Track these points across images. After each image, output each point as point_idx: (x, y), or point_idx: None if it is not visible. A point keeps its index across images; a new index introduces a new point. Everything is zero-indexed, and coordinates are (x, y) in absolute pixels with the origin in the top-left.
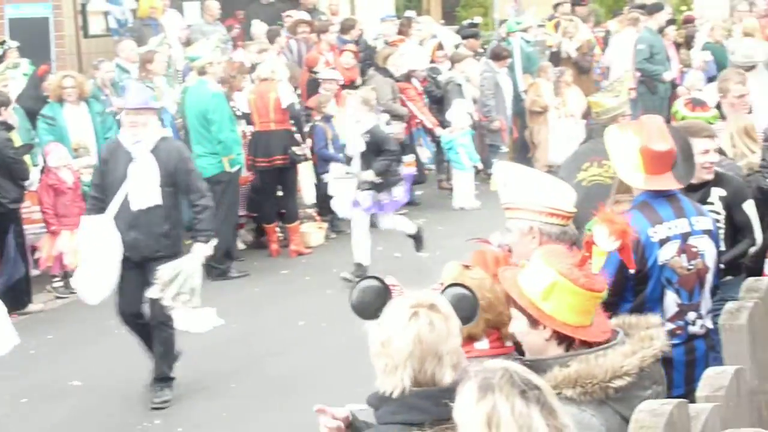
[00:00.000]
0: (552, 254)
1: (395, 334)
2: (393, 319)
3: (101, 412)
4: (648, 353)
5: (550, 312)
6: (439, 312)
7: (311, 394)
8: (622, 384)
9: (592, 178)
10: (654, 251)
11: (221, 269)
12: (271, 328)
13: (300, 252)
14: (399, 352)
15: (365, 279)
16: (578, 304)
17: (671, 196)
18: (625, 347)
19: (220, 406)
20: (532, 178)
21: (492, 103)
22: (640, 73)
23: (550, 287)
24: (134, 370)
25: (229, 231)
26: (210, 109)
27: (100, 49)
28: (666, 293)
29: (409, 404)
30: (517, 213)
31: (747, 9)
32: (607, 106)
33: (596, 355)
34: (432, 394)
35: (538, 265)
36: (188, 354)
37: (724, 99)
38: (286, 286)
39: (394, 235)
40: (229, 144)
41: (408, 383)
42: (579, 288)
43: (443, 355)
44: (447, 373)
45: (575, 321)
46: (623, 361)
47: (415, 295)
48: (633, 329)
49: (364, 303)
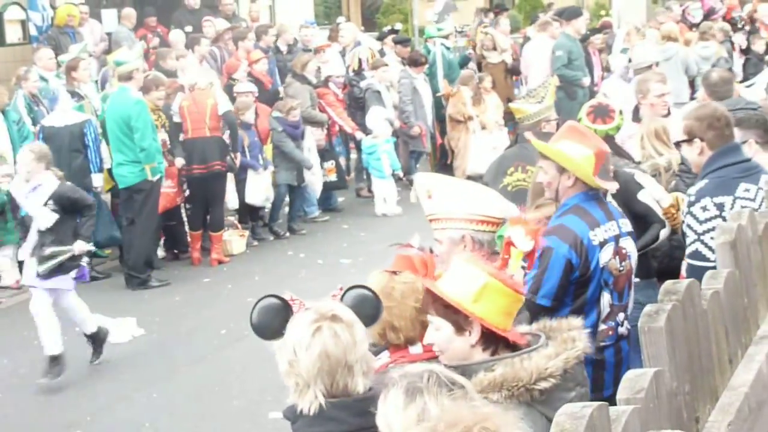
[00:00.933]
0: (475, 259)
1: (301, 353)
2: (297, 337)
3: (22, 425)
4: (571, 354)
5: (481, 314)
6: (341, 321)
7: (232, 401)
8: (547, 386)
9: (517, 183)
10: (596, 254)
11: (141, 278)
12: (192, 337)
13: (221, 261)
14: (307, 370)
15: (264, 298)
16: (506, 306)
17: (599, 199)
18: (548, 350)
19: (141, 416)
20: (458, 187)
21: (410, 109)
22: (559, 79)
23: (481, 289)
24: (52, 381)
25: (149, 240)
26: (133, 116)
27: (17, 58)
28: (603, 295)
29: (326, 416)
30: (445, 223)
31: (665, 14)
32: (528, 112)
33: (521, 358)
34: (347, 405)
35: (465, 269)
36: (109, 363)
37: (644, 100)
38: (208, 295)
39: (317, 242)
40: (152, 152)
41: (322, 399)
42: (508, 289)
43: (353, 365)
44: (360, 382)
45: (503, 324)
46: (547, 363)
47: (316, 307)
48: (555, 332)
49: (265, 323)
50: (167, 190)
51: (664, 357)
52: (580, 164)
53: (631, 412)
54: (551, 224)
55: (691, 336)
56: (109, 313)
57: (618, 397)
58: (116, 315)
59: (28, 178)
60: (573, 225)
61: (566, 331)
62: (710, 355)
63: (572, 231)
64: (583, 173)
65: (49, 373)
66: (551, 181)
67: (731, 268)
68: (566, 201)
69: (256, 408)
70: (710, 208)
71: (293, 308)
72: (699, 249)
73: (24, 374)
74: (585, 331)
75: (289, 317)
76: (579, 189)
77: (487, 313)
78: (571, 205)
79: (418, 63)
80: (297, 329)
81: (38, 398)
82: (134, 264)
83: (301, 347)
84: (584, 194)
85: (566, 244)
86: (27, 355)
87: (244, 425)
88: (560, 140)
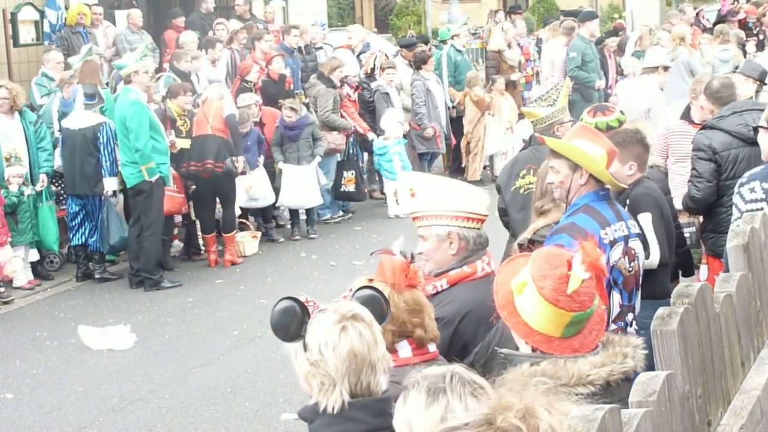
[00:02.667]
0: (543, 257)
1: (328, 352)
2: (323, 337)
3: (35, 426)
4: (617, 368)
5: (519, 307)
6: (363, 321)
7: (244, 402)
8: (585, 392)
9: (529, 186)
10: (607, 252)
11: (154, 279)
12: (205, 338)
13: (234, 262)
14: (336, 369)
15: (281, 301)
16: (541, 313)
17: (609, 200)
18: (596, 358)
19: (154, 416)
20: (442, 185)
21: (423, 111)
22: (573, 81)
23: (522, 284)
24: (65, 382)
25: (158, 241)
26: (128, 117)
27: (31, 58)
28: (613, 294)
29: (345, 416)
30: (431, 220)
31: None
32: (540, 115)
33: (567, 359)
34: (367, 405)
35: (527, 262)
36: (121, 364)
37: (695, 101)
38: (220, 296)
39: (329, 244)
40: (147, 153)
41: (347, 397)
42: (541, 298)
43: (376, 363)
44: (382, 380)
45: (540, 327)
46: (590, 371)
47: (335, 308)
48: (610, 344)
49: (284, 325)
50: (173, 194)
51: (677, 360)
52: (595, 160)
53: (643, 415)
54: (562, 223)
55: (703, 339)
56: (121, 314)
57: (630, 399)
58: (129, 316)
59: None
60: (584, 224)
61: (623, 346)
62: (722, 359)
63: (583, 229)
64: (597, 169)
65: None
66: (563, 180)
67: (744, 271)
68: (576, 201)
69: (268, 409)
70: (757, 190)
71: (309, 310)
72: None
73: (36, 375)
74: (642, 351)
75: (306, 319)
76: (591, 188)
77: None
78: (582, 205)
79: (424, 60)
80: (321, 329)
81: (51, 399)
82: (145, 265)
83: (328, 347)
84: (595, 194)
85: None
86: (39, 356)
87: (256, 426)
88: (573, 139)
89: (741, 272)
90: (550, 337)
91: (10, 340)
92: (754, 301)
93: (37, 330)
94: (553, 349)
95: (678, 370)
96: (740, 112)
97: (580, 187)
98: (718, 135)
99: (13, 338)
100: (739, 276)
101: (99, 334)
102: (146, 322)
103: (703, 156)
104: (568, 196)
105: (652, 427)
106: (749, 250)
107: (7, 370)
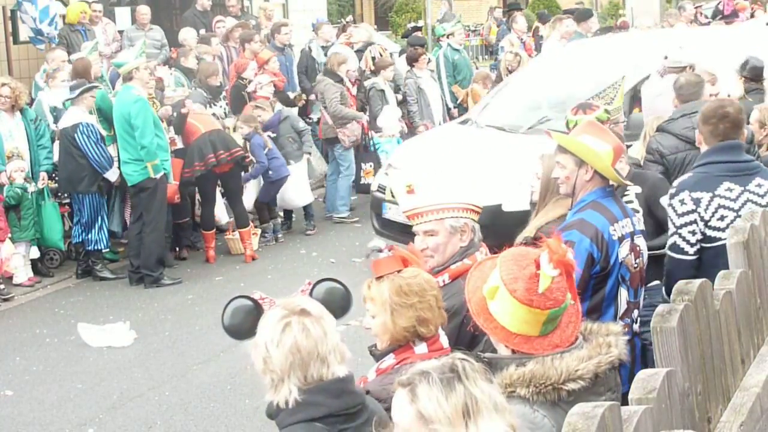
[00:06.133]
0: (509, 259)
1: (273, 349)
2: (267, 334)
3: (35, 423)
4: (604, 359)
5: (493, 312)
6: (310, 315)
7: (244, 399)
8: (576, 387)
9: None
10: (615, 248)
11: (154, 276)
12: (205, 335)
13: (254, 257)
14: (280, 365)
15: (233, 300)
16: (517, 315)
17: (615, 196)
18: (582, 352)
19: (154, 414)
20: (442, 178)
21: (415, 109)
22: None
23: (494, 289)
24: (65, 379)
25: (159, 238)
26: (133, 114)
27: (31, 56)
28: (620, 291)
29: (304, 402)
30: (437, 214)
31: (675, 16)
32: (603, 118)
33: (552, 357)
34: (323, 388)
35: (495, 265)
36: (121, 361)
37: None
38: (221, 293)
39: (329, 241)
40: (153, 149)
41: (296, 391)
42: (515, 300)
43: (326, 356)
44: (337, 371)
45: (517, 328)
46: (578, 365)
47: (284, 303)
48: (592, 335)
49: (237, 324)
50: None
51: (677, 357)
52: (601, 157)
53: (642, 412)
54: (570, 219)
55: (703, 336)
56: (121, 311)
57: (630, 396)
58: (129, 313)
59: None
60: (593, 219)
61: (604, 335)
62: (722, 356)
63: (593, 225)
64: (602, 165)
65: None
66: (569, 176)
67: (744, 268)
68: (583, 197)
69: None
70: (687, 202)
71: (264, 307)
72: (677, 242)
73: (36, 372)
74: (623, 337)
75: (260, 316)
76: (596, 184)
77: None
78: (589, 201)
79: (416, 57)
80: (267, 327)
81: (51, 396)
82: (146, 262)
83: (273, 343)
84: (601, 190)
85: (588, 238)
86: (39, 353)
87: (256, 423)
88: (580, 134)
89: (741, 269)
90: (530, 337)
91: (10, 337)
92: (754, 298)
93: (37, 327)
94: (534, 348)
95: (678, 367)
96: (689, 115)
97: (585, 183)
98: (666, 138)
99: (13, 335)
100: (739, 273)
101: (99, 332)
102: (146, 319)
103: (650, 159)
104: (573, 191)
105: (652, 424)
106: (749, 248)
107: (6, 367)
